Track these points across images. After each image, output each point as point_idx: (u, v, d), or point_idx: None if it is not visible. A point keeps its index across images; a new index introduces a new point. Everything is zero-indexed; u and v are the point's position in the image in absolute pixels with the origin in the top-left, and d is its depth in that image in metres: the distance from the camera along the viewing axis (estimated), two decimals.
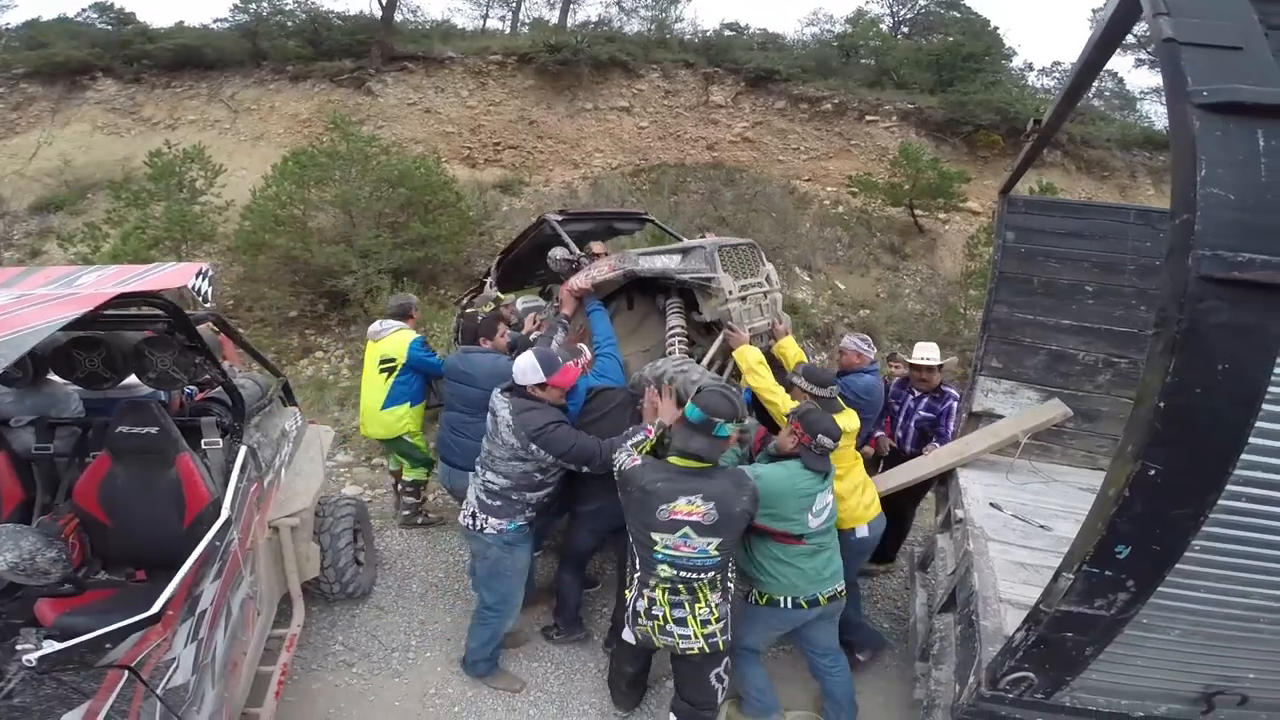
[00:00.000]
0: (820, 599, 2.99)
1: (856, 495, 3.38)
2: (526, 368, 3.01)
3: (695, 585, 2.70)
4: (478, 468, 3.21)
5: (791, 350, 3.80)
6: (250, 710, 2.85)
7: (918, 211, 12.30)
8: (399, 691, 3.42)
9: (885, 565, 4.69)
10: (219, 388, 3.32)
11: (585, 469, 3.03)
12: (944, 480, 4.12)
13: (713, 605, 2.75)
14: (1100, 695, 2.01)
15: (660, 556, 2.67)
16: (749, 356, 3.43)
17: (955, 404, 4.32)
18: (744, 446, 3.23)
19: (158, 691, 2.00)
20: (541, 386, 3.02)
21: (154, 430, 2.71)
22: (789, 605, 2.98)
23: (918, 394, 4.39)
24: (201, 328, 3.17)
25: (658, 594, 2.74)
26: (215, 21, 16.11)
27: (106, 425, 2.79)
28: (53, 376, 3.26)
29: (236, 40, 14.74)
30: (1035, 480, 3.82)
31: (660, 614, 2.74)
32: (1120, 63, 18.68)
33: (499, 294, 5.06)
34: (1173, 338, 1.35)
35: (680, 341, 3.63)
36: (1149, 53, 15.51)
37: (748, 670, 3.19)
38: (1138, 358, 3.93)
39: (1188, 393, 1.36)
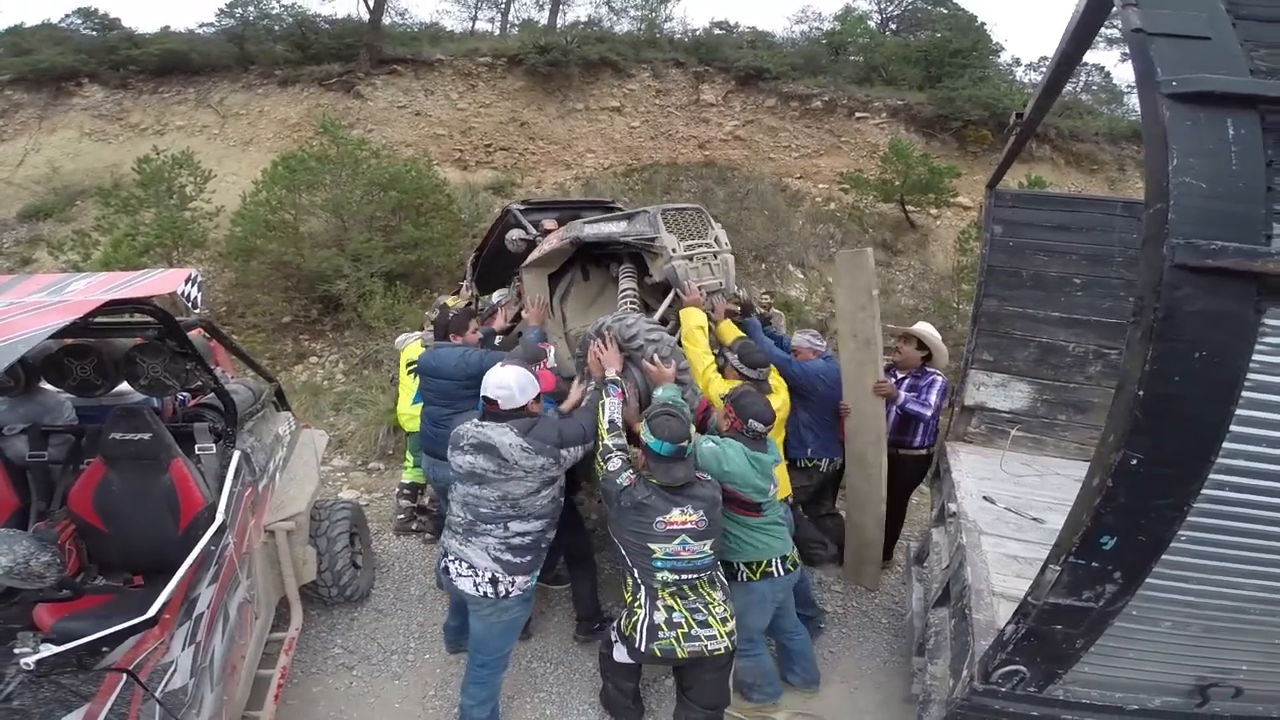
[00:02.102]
0: (796, 561, 3.19)
1: None
2: (524, 385, 2.79)
3: (696, 584, 2.77)
4: (488, 526, 2.79)
5: (730, 333, 3.75)
6: (250, 713, 2.85)
7: (909, 207, 12.33)
8: (399, 693, 3.42)
9: (883, 563, 4.68)
10: (211, 393, 3.31)
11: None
12: (938, 474, 4.15)
13: (722, 602, 2.83)
14: (1093, 688, 2.00)
15: (660, 564, 2.71)
16: (691, 320, 3.45)
17: (940, 380, 4.16)
18: (687, 389, 3.29)
19: (156, 694, 2.00)
20: (536, 399, 2.92)
21: (147, 436, 2.71)
22: (780, 571, 3.09)
23: (900, 376, 4.29)
24: (192, 334, 3.17)
25: (673, 601, 2.75)
26: (201, 26, 16.04)
27: (100, 432, 2.79)
28: (45, 384, 3.25)
29: (223, 45, 14.63)
30: (1029, 473, 3.84)
31: (682, 620, 2.73)
32: (1106, 57, 18.82)
33: (474, 294, 5.10)
34: (1150, 326, 1.36)
35: (631, 303, 3.70)
36: None
37: (758, 656, 3.28)
38: None
39: (1167, 381, 1.37)
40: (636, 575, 2.78)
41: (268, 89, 14.01)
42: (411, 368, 4.72)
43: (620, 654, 2.95)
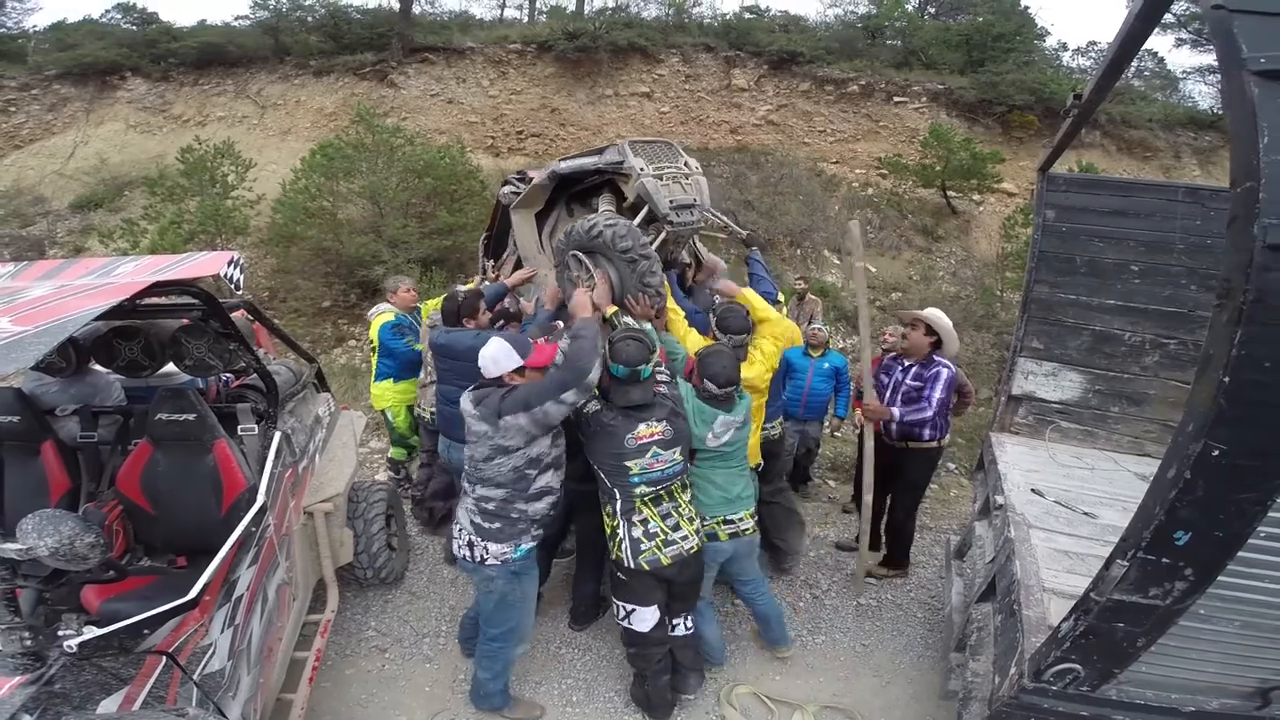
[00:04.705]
0: (740, 531, 3.21)
1: None
2: (497, 355, 2.73)
3: (672, 489, 2.95)
4: (466, 484, 2.86)
5: (681, 330, 3.53)
6: (285, 696, 2.87)
7: (950, 193, 12.02)
8: (429, 677, 3.45)
9: (896, 570, 4.41)
10: (253, 374, 3.36)
11: (572, 398, 2.68)
12: (982, 465, 4.03)
13: (687, 502, 3.00)
14: (1149, 689, 1.94)
15: (636, 479, 2.86)
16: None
17: (945, 372, 3.81)
18: (654, 261, 3.30)
19: (194, 677, 2.02)
20: (519, 372, 2.75)
21: (191, 417, 2.74)
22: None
23: (906, 364, 3.98)
24: (235, 315, 3.21)
25: (646, 511, 2.89)
26: (237, 19, 16.38)
27: (147, 413, 2.83)
28: (95, 365, 3.34)
29: (259, 37, 14.95)
30: (1078, 466, 3.71)
31: (658, 530, 2.89)
32: (1160, 42, 18.08)
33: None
34: (1239, 309, 1.28)
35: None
36: (1189, 31, 14.96)
37: (705, 622, 3.35)
38: (1187, 338, 3.79)
39: (1256, 367, 1.29)
40: (617, 495, 2.88)
41: (303, 79, 14.26)
42: (373, 345, 4.90)
43: (640, 621, 2.98)
